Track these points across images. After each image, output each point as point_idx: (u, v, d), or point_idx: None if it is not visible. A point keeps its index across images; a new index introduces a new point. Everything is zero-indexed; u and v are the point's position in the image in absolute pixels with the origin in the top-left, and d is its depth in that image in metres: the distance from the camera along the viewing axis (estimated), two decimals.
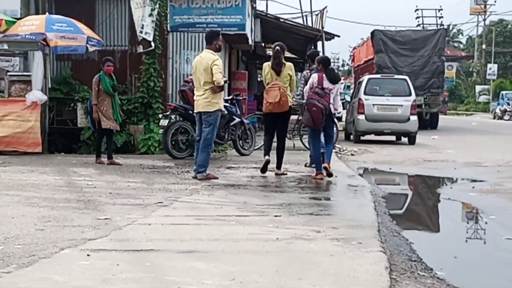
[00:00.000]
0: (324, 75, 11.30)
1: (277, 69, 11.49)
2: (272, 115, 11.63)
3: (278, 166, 11.83)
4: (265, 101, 11.56)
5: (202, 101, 10.62)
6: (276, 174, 11.69)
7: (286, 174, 11.76)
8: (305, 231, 6.59)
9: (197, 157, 10.85)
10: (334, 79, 11.42)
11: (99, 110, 12.94)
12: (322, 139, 11.63)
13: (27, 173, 11.11)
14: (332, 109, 11.27)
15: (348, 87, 69.95)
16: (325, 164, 11.19)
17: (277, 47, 11.73)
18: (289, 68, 11.65)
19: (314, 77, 11.42)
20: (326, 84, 11.20)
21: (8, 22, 15.32)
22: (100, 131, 13.19)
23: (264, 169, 11.61)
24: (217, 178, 10.77)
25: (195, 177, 10.79)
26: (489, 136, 26.81)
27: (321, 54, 27.56)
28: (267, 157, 11.62)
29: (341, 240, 6.21)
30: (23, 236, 6.13)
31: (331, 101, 11.19)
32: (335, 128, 13.54)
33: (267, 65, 11.75)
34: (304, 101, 11.80)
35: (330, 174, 11.22)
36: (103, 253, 5.54)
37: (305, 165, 13.08)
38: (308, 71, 13.24)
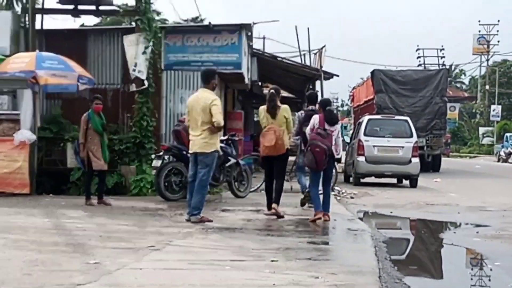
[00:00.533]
0: (324, 116, 11.58)
1: (273, 112, 11.81)
2: (269, 158, 11.92)
3: (276, 201, 11.90)
4: (262, 145, 11.87)
5: (199, 141, 10.60)
6: (273, 208, 11.78)
7: (283, 217, 11.75)
8: (303, 277, 6.55)
9: (191, 199, 10.76)
10: (331, 121, 11.66)
11: (89, 149, 12.98)
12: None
13: (14, 215, 11.07)
14: (334, 151, 11.45)
15: (346, 127, 70.17)
16: (326, 217, 11.43)
17: (272, 91, 12.21)
18: (284, 110, 11.95)
19: (315, 118, 11.66)
20: (327, 125, 11.46)
21: None
22: (90, 171, 13.20)
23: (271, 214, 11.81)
24: (211, 221, 10.71)
25: (188, 220, 10.72)
26: (493, 179, 26.83)
27: (319, 94, 27.82)
28: (269, 212, 11.89)
29: (340, 287, 6.18)
30: (9, 281, 6.09)
31: (333, 142, 11.42)
32: (334, 170, 13.89)
33: (262, 109, 12.09)
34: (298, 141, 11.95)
35: (326, 220, 11.43)
36: None
37: (302, 204, 13.30)
38: (302, 111, 13.61)
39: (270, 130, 11.68)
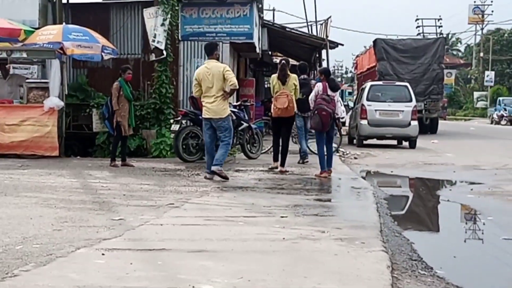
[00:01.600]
0: (327, 84, 11.97)
1: (283, 79, 12.54)
2: (279, 119, 12.56)
3: (282, 164, 12.52)
4: (274, 106, 12.48)
5: (216, 108, 10.85)
6: (280, 171, 12.35)
7: (288, 171, 12.38)
8: (310, 232, 6.58)
9: (209, 159, 11.06)
10: (335, 88, 12.16)
11: (119, 115, 12.97)
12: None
13: (44, 176, 11.14)
14: (336, 114, 11.97)
15: (350, 93, 70.09)
16: (329, 172, 12.01)
17: (283, 61, 13.11)
18: (293, 78, 12.73)
19: (319, 85, 12.06)
20: (330, 92, 11.90)
21: (27, 31, 15.39)
22: (119, 136, 13.19)
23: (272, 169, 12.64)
24: (227, 178, 10.91)
25: (209, 178, 10.96)
26: (486, 141, 26.75)
27: (325, 62, 27.69)
28: (276, 163, 12.73)
29: (344, 240, 6.20)
30: (41, 236, 6.15)
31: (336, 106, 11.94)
32: (338, 133, 14.48)
33: (274, 77, 12.79)
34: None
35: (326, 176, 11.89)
36: (117, 252, 5.55)
37: (298, 162, 14.12)
38: (302, 79, 14.15)
39: (283, 94, 12.34)
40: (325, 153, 12.06)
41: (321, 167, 11.93)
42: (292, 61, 36.15)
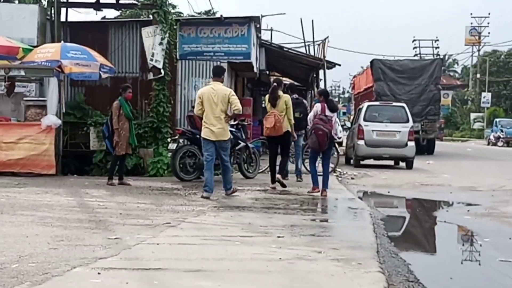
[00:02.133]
0: (325, 104, 12.34)
1: (273, 102, 13.01)
2: (272, 138, 13.15)
3: (280, 172, 13.18)
4: (264, 126, 13.12)
5: (219, 131, 11.22)
6: (277, 180, 12.93)
7: (286, 186, 12.94)
8: (307, 252, 6.57)
9: (209, 176, 11.28)
10: (334, 108, 12.54)
11: (119, 134, 12.99)
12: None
13: (41, 194, 11.12)
14: (333, 134, 12.30)
15: (344, 113, 70.26)
16: (324, 192, 12.15)
17: (274, 84, 13.60)
18: (284, 99, 13.10)
19: (318, 106, 12.48)
20: (328, 112, 12.26)
21: (25, 49, 15.41)
22: (119, 155, 13.20)
23: (273, 180, 13.05)
24: (237, 190, 11.79)
25: (205, 197, 11.13)
26: (483, 162, 26.77)
27: (322, 82, 27.76)
28: (273, 185, 13.00)
29: (341, 261, 6.19)
30: (37, 255, 6.13)
31: (333, 126, 12.29)
32: (335, 153, 15.45)
33: (267, 98, 13.36)
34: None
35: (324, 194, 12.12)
36: (113, 271, 5.53)
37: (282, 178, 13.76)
38: (294, 98, 14.34)
39: (271, 114, 12.89)
40: (321, 173, 12.30)
41: (313, 182, 12.42)
42: (289, 81, 36.29)
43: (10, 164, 14.40)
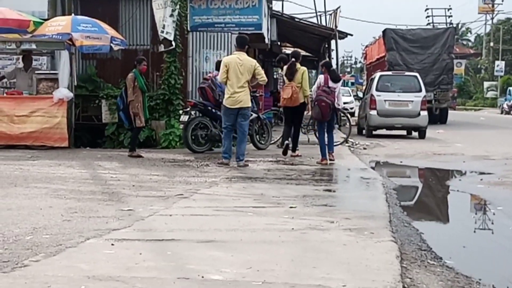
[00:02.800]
0: (328, 76, 12.68)
1: (290, 77, 13.42)
2: (288, 108, 13.63)
3: (293, 149, 13.60)
4: (281, 97, 13.63)
5: (243, 97, 11.52)
6: (292, 156, 13.40)
7: (300, 156, 13.49)
8: (319, 222, 6.58)
9: (227, 144, 11.78)
10: (336, 79, 12.91)
11: (134, 107, 13.01)
12: None
13: (54, 167, 11.17)
14: (336, 104, 12.63)
15: (353, 83, 70.11)
16: (331, 156, 12.72)
17: (293, 59, 13.69)
18: (301, 71, 13.48)
19: (321, 77, 12.87)
20: (331, 83, 12.61)
21: (36, 23, 15.39)
22: (140, 127, 13.37)
23: (285, 152, 13.52)
24: (248, 165, 11.71)
25: (225, 163, 11.68)
26: (496, 131, 26.66)
27: (334, 52, 27.64)
28: (287, 141, 13.51)
29: (353, 230, 6.19)
30: (51, 227, 6.17)
31: (336, 97, 12.65)
32: (348, 123, 16.31)
33: (285, 68, 13.76)
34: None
35: (332, 159, 12.68)
36: (127, 242, 5.56)
37: (277, 146, 15.04)
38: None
39: (288, 85, 13.36)
40: (326, 142, 12.71)
41: (321, 154, 12.62)
42: (301, 52, 36.13)
43: (23, 137, 14.47)
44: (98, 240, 5.65)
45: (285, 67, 13.81)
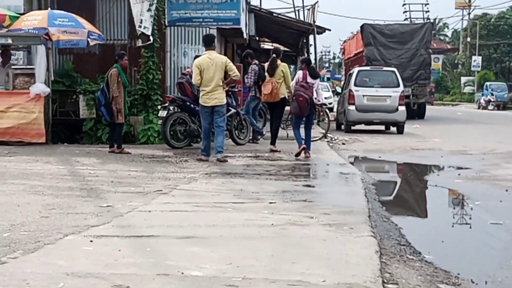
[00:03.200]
0: (307, 72, 12.95)
1: (271, 73, 13.92)
2: (269, 104, 14.25)
3: (272, 142, 13.86)
4: (262, 93, 14.12)
5: (217, 95, 11.72)
6: (271, 150, 13.62)
7: (279, 151, 13.52)
8: (299, 217, 6.60)
9: (206, 143, 11.93)
10: (315, 75, 13.23)
11: (117, 102, 12.92)
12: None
13: (31, 163, 11.09)
14: (315, 100, 12.93)
15: (329, 79, 70.37)
16: (307, 154, 12.77)
17: (273, 55, 14.45)
18: (281, 67, 14.02)
19: (299, 73, 13.17)
20: (309, 79, 12.88)
21: (12, 17, 15.26)
22: (122, 122, 13.30)
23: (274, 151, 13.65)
24: (227, 161, 11.74)
25: (204, 160, 11.76)
26: (474, 125, 26.87)
27: (312, 47, 27.65)
28: (271, 146, 13.83)
29: (333, 226, 6.22)
30: (29, 223, 6.13)
31: (314, 93, 12.93)
32: (326, 118, 16.53)
33: (267, 64, 14.29)
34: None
35: (298, 155, 12.73)
36: (106, 239, 5.54)
37: (250, 141, 15.38)
38: (255, 65, 15.52)
39: (269, 81, 13.80)
40: (303, 137, 12.89)
41: (298, 143, 12.89)
42: (279, 47, 36.13)
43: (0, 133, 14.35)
44: (77, 236, 5.62)
45: (266, 64, 14.27)
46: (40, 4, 16.90)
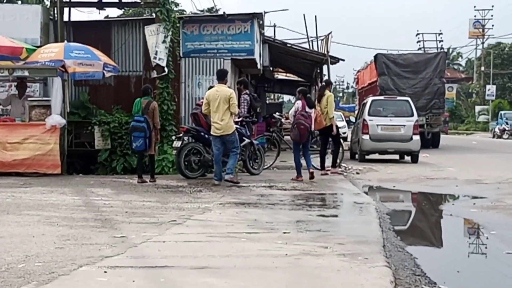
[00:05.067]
0: (305, 102, 14.17)
1: (319, 98, 15.60)
2: (319, 130, 15.65)
3: (333, 165, 15.93)
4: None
5: (224, 126, 12.61)
6: (332, 172, 15.54)
7: (342, 174, 15.79)
8: (313, 247, 6.56)
9: (218, 168, 12.85)
10: (311, 105, 14.52)
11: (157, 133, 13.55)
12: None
13: (47, 194, 11.14)
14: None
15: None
16: (311, 170, 14.11)
17: (323, 83, 16.68)
18: (326, 97, 15.56)
19: (298, 103, 14.27)
20: (307, 109, 14.10)
21: (29, 50, 15.43)
22: (152, 154, 13.74)
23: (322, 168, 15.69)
24: (239, 182, 12.78)
25: (217, 184, 12.61)
26: (489, 154, 26.71)
27: (326, 77, 27.77)
28: (324, 171, 15.54)
29: (347, 256, 6.18)
30: (43, 254, 6.14)
31: (312, 121, 14.25)
32: (340, 148, 16.72)
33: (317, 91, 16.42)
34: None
35: (312, 178, 13.93)
36: (120, 269, 5.53)
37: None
38: (246, 94, 16.23)
39: (315, 110, 14.94)
40: (301, 161, 14.18)
41: (297, 172, 14.07)
42: (293, 77, 36.25)
43: (16, 164, 14.44)
44: (91, 267, 5.61)
45: (248, 92, 15.85)
46: (57, 36, 17.11)
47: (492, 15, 73.83)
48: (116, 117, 16.43)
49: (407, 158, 22.14)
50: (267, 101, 33.72)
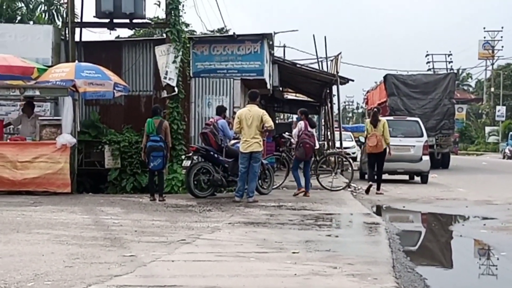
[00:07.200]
0: (307, 122, 15.07)
1: (375, 123, 16.52)
2: (373, 154, 16.67)
3: (378, 187, 16.68)
4: (367, 145, 16.71)
5: (254, 143, 13.31)
6: (376, 193, 16.33)
7: (383, 193, 16.46)
8: (322, 267, 6.54)
9: (242, 184, 13.42)
10: (313, 125, 15.68)
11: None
12: None
13: (56, 212, 11.15)
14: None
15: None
16: (308, 194, 14.79)
17: (375, 109, 17.39)
18: (382, 123, 16.56)
19: (301, 123, 15.12)
20: (309, 128, 15.00)
21: (40, 69, 15.53)
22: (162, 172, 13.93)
23: (367, 191, 16.51)
24: (257, 201, 13.25)
25: (237, 201, 13.23)
26: (499, 175, 26.61)
27: (336, 97, 27.77)
28: (371, 182, 16.66)
29: (357, 276, 6.15)
30: (53, 273, 6.14)
31: (315, 140, 15.12)
32: (350, 168, 17.90)
33: (368, 121, 17.07)
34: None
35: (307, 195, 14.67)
36: None
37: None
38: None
39: (373, 135, 16.43)
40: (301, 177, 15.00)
41: (298, 185, 14.96)
42: (302, 97, 36.25)
43: (26, 183, 14.47)
44: (100, 286, 5.61)
45: (366, 120, 17.49)
46: (68, 56, 17.23)
47: (501, 37, 73.88)
48: (126, 137, 16.49)
49: (417, 178, 22.09)
50: (277, 121, 33.72)
